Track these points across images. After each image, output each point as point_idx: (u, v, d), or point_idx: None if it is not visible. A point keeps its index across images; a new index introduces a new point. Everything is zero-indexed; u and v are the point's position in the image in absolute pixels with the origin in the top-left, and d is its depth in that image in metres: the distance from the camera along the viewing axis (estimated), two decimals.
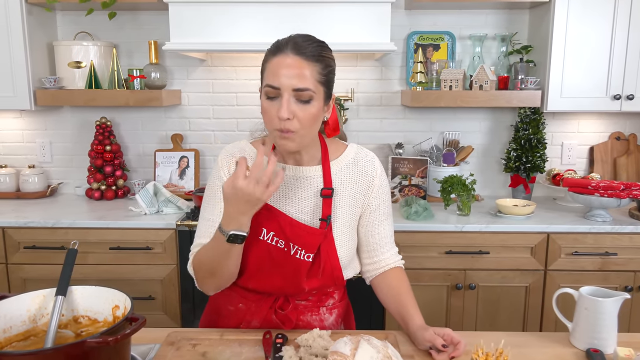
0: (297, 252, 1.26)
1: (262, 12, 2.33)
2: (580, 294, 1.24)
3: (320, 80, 1.19)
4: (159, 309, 2.41)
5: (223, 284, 1.30)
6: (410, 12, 2.77)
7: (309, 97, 1.17)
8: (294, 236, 1.26)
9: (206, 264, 1.26)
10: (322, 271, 1.29)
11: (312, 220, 1.31)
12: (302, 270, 1.27)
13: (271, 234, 1.27)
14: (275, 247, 1.27)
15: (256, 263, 1.28)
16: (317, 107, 1.20)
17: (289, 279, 1.28)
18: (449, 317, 2.39)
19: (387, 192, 1.40)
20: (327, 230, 1.28)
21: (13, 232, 2.36)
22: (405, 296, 1.34)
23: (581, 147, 2.88)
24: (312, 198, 1.31)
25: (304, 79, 1.16)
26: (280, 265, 1.27)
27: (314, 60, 1.18)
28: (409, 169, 2.70)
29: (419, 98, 2.54)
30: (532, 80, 2.53)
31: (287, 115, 1.15)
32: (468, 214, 2.45)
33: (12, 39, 2.50)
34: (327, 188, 1.31)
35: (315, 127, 1.24)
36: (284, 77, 1.15)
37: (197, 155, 2.84)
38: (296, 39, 1.19)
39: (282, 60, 1.17)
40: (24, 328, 1.08)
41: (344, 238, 1.32)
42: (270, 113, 1.18)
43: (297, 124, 1.18)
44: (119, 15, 2.76)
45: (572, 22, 2.44)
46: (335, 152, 1.36)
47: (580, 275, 2.34)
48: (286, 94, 1.16)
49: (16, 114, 2.89)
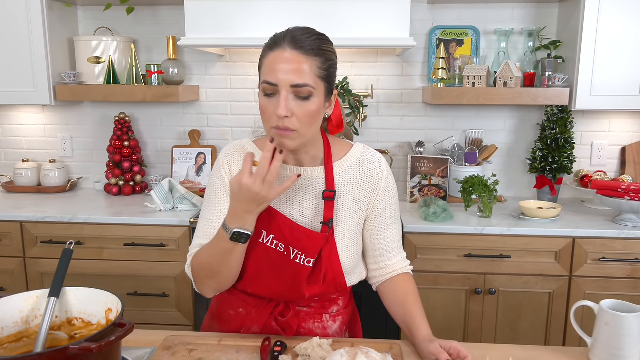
0: (297, 256, 1.20)
1: (279, 7, 2.28)
2: (600, 308, 1.16)
3: (320, 75, 1.13)
4: (172, 306, 2.40)
5: (223, 286, 1.25)
6: (433, 7, 2.68)
7: (309, 94, 1.12)
8: (294, 240, 1.21)
9: (206, 264, 1.21)
10: (324, 277, 1.23)
11: (313, 223, 1.25)
12: (301, 275, 1.21)
13: (271, 237, 1.22)
14: (275, 251, 1.22)
15: (255, 267, 1.23)
16: (317, 103, 1.14)
17: (288, 285, 1.23)
18: (467, 322, 2.31)
19: (394, 195, 1.34)
20: (328, 235, 1.22)
21: (31, 227, 2.38)
22: (412, 304, 1.27)
23: (612, 148, 2.75)
24: (313, 200, 1.26)
25: (302, 75, 1.10)
26: (280, 270, 1.22)
27: (313, 55, 1.12)
28: (429, 168, 2.62)
29: (441, 95, 2.46)
30: (560, 77, 2.42)
31: (285, 113, 1.10)
32: (489, 216, 2.36)
33: (33, 35, 2.52)
34: (329, 190, 1.25)
35: (316, 125, 1.18)
36: (282, 72, 1.10)
37: (214, 152, 2.82)
38: (294, 33, 1.14)
39: (279, 55, 1.11)
40: (16, 329, 1.06)
41: (347, 243, 1.26)
42: (268, 111, 1.13)
43: (296, 122, 1.12)
44: (138, 11, 2.75)
45: (603, 15, 2.32)
46: (340, 152, 1.30)
47: (608, 282, 2.22)
48: (284, 90, 1.10)
49: (38, 108, 2.92)
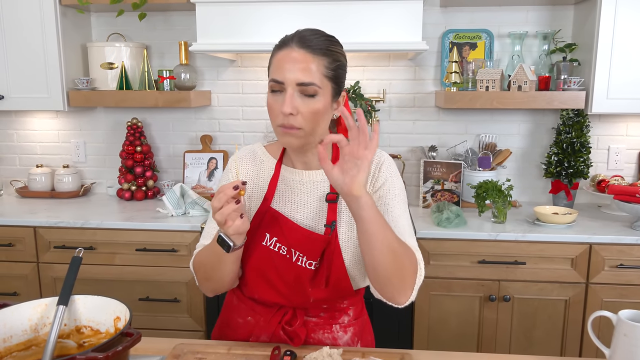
0: (299, 258, 1.20)
1: (291, 12, 2.28)
2: (619, 319, 1.12)
3: (327, 74, 1.14)
4: (184, 311, 2.40)
5: (218, 289, 1.27)
6: (446, 10, 2.65)
7: (314, 92, 1.13)
8: (295, 242, 1.20)
9: (202, 265, 1.25)
10: (327, 280, 1.21)
11: (316, 226, 1.25)
12: (304, 278, 1.20)
13: (274, 239, 1.22)
14: (277, 254, 1.21)
15: (259, 270, 1.23)
16: (322, 102, 1.14)
17: (292, 288, 1.22)
18: (481, 330, 2.27)
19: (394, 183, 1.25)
20: (331, 237, 1.21)
21: (44, 232, 2.39)
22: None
23: (630, 152, 2.69)
24: (316, 203, 1.25)
25: (309, 73, 1.11)
26: (283, 272, 1.21)
27: (321, 54, 1.13)
28: (442, 173, 2.59)
29: (454, 99, 2.43)
30: (576, 81, 2.38)
31: (290, 110, 1.11)
32: (504, 222, 2.32)
33: (47, 41, 2.54)
34: (332, 192, 1.24)
35: (321, 125, 1.18)
36: (288, 71, 1.12)
37: (225, 157, 2.82)
38: (303, 33, 1.16)
39: (287, 54, 1.13)
40: (25, 337, 1.06)
41: (351, 244, 1.24)
42: (275, 108, 1.15)
43: (301, 120, 1.13)
44: (150, 16, 2.76)
45: (620, 18, 2.27)
46: None
47: (626, 289, 2.18)
48: (290, 88, 1.12)
49: (52, 114, 2.95)
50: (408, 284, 1.13)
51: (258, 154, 1.33)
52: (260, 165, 1.32)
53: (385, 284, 1.12)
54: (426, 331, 2.29)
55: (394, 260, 1.09)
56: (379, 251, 1.07)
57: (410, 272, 1.13)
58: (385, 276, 1.11)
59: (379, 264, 1.09)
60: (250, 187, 1.31)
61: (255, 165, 1.32)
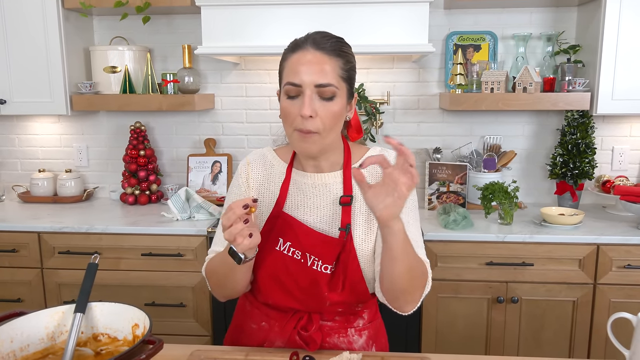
0: (314, 263, 1.19)
1: (295, 15, 2.27)
2: (639, 320, 1.12)
3: (342, 75, 1.15)
4: (190, 316, 2.38)
5: (231, 295, 1.27)
6: (450, 12, 2.65)
7: (332, 94, 1.13)
8: (310, 246, 1.19)
9: (214, 272, 1.25)
10: (343, 284, 1.20)
11: (330, 229, 1.24)
12: (320, 282, 1.19)
13: (287, 244, 1.21)
14: (292, 258, 1.20)
15: (273, 276, 1.22)
16: (339, 104, 1.15)
17: (307, 292, 1.21)
18: (489, 331, 2.27)
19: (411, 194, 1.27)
20: (346, 240, 1.20)
21: (48, 237, 2.37)
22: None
23: (634, 152, 2.70)
24: (330, 206, 1.24)
25: (325, 74, 1.12)
26: (297, 277, 1.20)
27: (335, 55, 1.14)
28: (447, 175, 2.59)
29: (459, 101, 2.43)
30: (581, 82, 2.38)
31: (310, 113, 1.10)
32: (510, 223, 2.32)
33: (49, 45, 2.53)
34: (346, 195, 1.23)
35: (338, 128, 1.18)
36: (305, 73, 1.11)
37: (229, 160, 2.81)
38: (314, 36, 1.16)
39: (301, 57, 1.13)
40: (42, 346, 1.04)
41: (365, 247, 1.23)
42: (291, 112, 1.14)
43: (319, 123, 1.13)
44: (154, 20, 2.75)
45: (625, 18, 2.28)
46: (357, 156, 1.29)
47: (634, 290, 2.18)
48: (308, 90, 1.11)
49: (54, 118, 2.93)
50: (417, 297, 1.17)
51: (268, 158, 1.32)
52: (270, 170, 1.31)
53: (398, 297, 1.16)
54: (434, 334, 2.28)
55: (411, 278, 1.12)
56: (399, 271, 1.10)
57: (421, 286, 1.17)
58: (399, 290, 1.14)
59: (396, 281, 1.12)
60: (261, 193, 1.30)
61: (266, 169, 1.31)
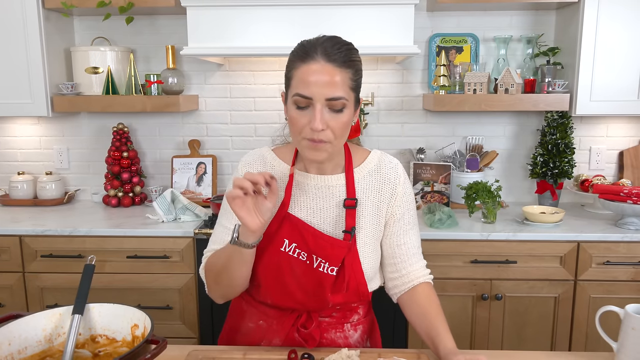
0: (321, 264, 1.20)
1: (280, 16, 2.28)
2: (626, 313, 1.16)
3: (351, 86, 1.14)
4: (176, 318, 2.37)
5: (228, 294, 1.26)
6: (432, 14, 2.69)
7: (342, 106, 1.12)
8: (318, 248, 1.20)
9: (214, 267, 1.24)
10: (347, 286, 1.22)
11: (334, 231, 1.25)
12: (325, 284, 1.20)
13: (293, 245, 1.21)
14: (297, 260, 1.21)
15: (276, 276, 1.22)
16: (349, 114, 1.15)
17: (311, 294, 1.22)
18: (474, 328, 2.31)
19: (411, 200, 1.33)
20: (351, 243, 1.22)
21: (30, 241, 2.33)
22: (434, 317, 1.24)
23: (610, 152, 2.78)
24: (334, 208, 1.26)
25: (336, 88, 1.10)
26: (302, 279, 1.21)
27: (346, 67, 1.12)
28: (431, 175, 2.63)
29: (442, 102, 2.47)
30: (560, 83, 2.45)
31: (322, 127, 1.10)
32: (494, 222, 2.37)
33: (30, 45, 2.48)
34: (350, 198, 1.24)
35: (346, 134, 1.18)
36: (315, 86, 1.09)
37: (214, 162, 2.80)
38: (325, 44, 1.12)
39: (312, 67, 1.10)
40: (39, 348, 1.03)
41: (369, 250, 1.25)
42: (300, 123, 1.13)
43: (330, 134, 1.13)
44: (136, 20, 2.73)
45: (602, 22, 2.35)
46: (358, 159, 1.30)
47: (613, 285, 2.24)
48: (319, 104, 1.10)
49: (34, 120, 2.88)
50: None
51: (268, 159, 1.31)
52: (271, 170, 1.30)
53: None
54: None
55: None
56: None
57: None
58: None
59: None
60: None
61: (266, 170, 1.30)
